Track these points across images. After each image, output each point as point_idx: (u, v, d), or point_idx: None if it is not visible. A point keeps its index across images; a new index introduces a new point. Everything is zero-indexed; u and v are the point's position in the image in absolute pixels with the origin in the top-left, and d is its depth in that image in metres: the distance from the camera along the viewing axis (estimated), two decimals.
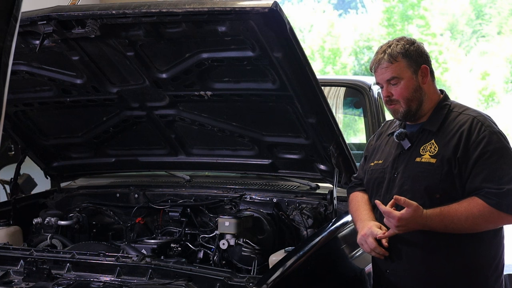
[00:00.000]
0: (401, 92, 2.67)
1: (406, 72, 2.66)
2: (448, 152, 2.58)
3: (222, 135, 3.52)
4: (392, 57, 2.66)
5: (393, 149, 2.78)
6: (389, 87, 2.69)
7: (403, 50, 2.66)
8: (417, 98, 2.68)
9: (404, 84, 2.66)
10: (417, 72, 2.68)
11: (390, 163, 2.75)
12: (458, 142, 2.58)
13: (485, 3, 14.73)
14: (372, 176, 2.83)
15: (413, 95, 2.67)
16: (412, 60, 2.67)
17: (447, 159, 2.57)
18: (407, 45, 2.67)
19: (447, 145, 2.60)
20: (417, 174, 2.63)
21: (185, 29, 2.80)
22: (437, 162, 2.59)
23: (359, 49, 15.25)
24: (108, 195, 3.97)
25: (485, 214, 2.52)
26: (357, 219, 2.80)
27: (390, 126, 2.92)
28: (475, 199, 2.53)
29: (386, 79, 2.68)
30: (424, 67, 2.68)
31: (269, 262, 2.92)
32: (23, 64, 3.28)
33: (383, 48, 2.71)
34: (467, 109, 2.71)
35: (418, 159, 2.65)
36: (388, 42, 2.73)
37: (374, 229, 2.65)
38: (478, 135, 2.57)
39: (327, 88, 4.50)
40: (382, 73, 2.69)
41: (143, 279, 2.59)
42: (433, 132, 2.67)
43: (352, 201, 2.94)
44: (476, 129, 2.58)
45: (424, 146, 2.66)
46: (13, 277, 2.68)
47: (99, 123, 3.69)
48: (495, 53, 14.39)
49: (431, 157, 2.61)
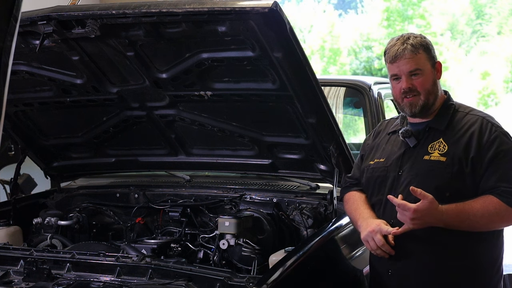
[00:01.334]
0: (423, 84, 2.66)
1: (427, 65, 2.68)
2: (458, 151, 2.59)
3: (222, 135, 3.52)
4: (415, 48, 2.65)
5: (396, 147, 2.77)
6: (409, 78, 2.66)
7: (424, 43, 2.68)
8: (435, 92, 2.70)
9: (426, 76, 2.67)
10: (434, 66, 2.70)
11: (394, 161, 2.73)
12: (469, 142, 2.59)
13: (485, 3, 14.73)
14: (373, 174, 2.80)
15: (432, 88, 2.69)
16: (431, 54, 2.70)
17: (458, 158, 2.58)
18: (424, 39, 2.70)
19: (457, 144, 2.61)
20: (426, 172, 2.63)
21: (185, 29, 2.81)
22: (447, 161, 2.59)
23: (358, 49, 15.25)
24: (108, 195, 3.97)
25: (501, 212, 2.53)
26: (358, 218, 2.76)
27: (389, 125, 2.90)
28: (490, 197, 2.54)
29: (409, 70, 2.65)
30: (439, 63, 2.72)
31: (269, 262, 2.92)
32: (23, 64, 3.28)
33: (401, 40, 2.68)
34: (472, 109, 2.74)
35: (426, 157, 2.64)
36: (403, 36, 2.70)
37: (383, 226, 2.62)
38: (490, 135, 2.60)
39: (327, 88, 4.49)
40: (405, 64, 2.65)
41: (143, 279, 2.59)
42: (441, 130, 2.67)
43: (349, 201, 2.91)
44: (487, 129, 2.61)
45: (432, 144, 2.66)
46: (13, 277, 2.68)
47: (99, 123, 3.69)
48: (495, 53, 14.39)
49: (441, 155, 2.61)
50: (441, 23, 14.68)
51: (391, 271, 2.70)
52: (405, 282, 2.68)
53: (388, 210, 2.69)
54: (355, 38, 15.25)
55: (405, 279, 2.67)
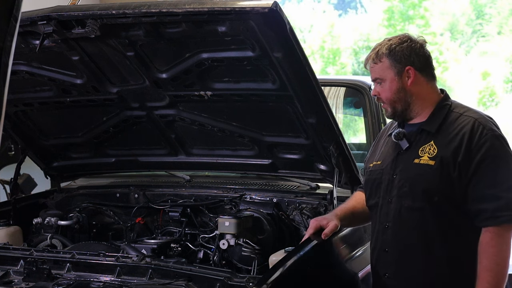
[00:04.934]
0: (384, 92, 2.67)
1: (389, 73, 2.64)
2: (447, 154, 2.54)
3: (222, 135, 3.52)
4: (377, 57, 2.65)
5: (391, 150, 2.74)
6: (376, 86, 2.70)
7: (388, 50, 2.63)
8: (401, 99, 2.64)
9: (387, 85, 2.65)
10: (402, 73, 2.63)
11: (389, 164, 2.71)
12: (459, 145, 2.53)
13: (485, 3, 14.72)
14: (371, 177, 2.80)
15: (396, 96, 2.64)
16: (396, 61, 2.62)
17: (446, 161, 2.53)
18: (393, 45, 2.63)
19: (447, 147, 2.55)
20: (415, 176, 2.60)
21: (185, 29, 2.80)
22: (435, 164, 2.54)
23: (358, 49, 15.24)
24: (108, 195, 3.97)
25: (504, 240, 2.49)
26: None
27: (391, 126, 2.89)
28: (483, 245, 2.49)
29: (372, 78, 2.71)
30: (409, 68, 2.63)
31: (269, 262, 2.92)
32: (23, 64, 3.27)
33: (376, 46, 2.70)
34: (468, 110, 2.65)
35: (416, 161, 2.60)
36: (384, 41, 2.70)
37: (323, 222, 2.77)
38: (479, 138, 2.51)
39: (327, 88, 4.49)
40: (370, 72, 2.72)
41: (143, 279, 2.59)
42: (432, 133, 2.62)
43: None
44: (478, 132, 2.53)
45: (423, 147, 2.61)
46: (13, 277, 2.68)
47: (99, 123, 3.69)
48: (495, 53, 14.38)
49: (430, 159, 2.56)
50: (441, 23, 14.68)
51: (388, 274, 2.69)
52: (401, 285, 2.67)
53: (384, 213, 2.69)
54: (355, 38, 15.24)
55: (400, 283, 2.66)
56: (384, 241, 2.69)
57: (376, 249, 2.74)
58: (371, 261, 2.80)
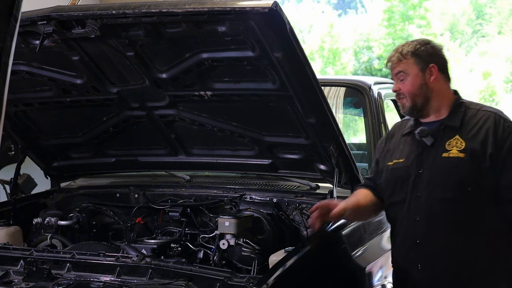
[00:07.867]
0: (406, 87, 2.80)
1: (413, 69, 2.79)
2: (476, 146, 2.69)
3: (222, 135, 3.52)
4: (402, 55, 2.80)
5: (414, 147, 2.85)
6: (398, 82, 2.82)
7: (413, 49, 2.80)
8: (423, 95, 2.79)
9: (409, 81, 2.79)
10: (425, 70, 2.78)
11: (413, 160, 2.82)
12: (485, 138, 2.69)
13: (485, 3, 14.73)
14: (393, 174, 2.88)
15: (418, 90, 2.79)
16: (421, 59, 2.79)
17: (476, 153, 2.67)
18: (418, 45, 2.81)
19: (474, 140, 2.70)
20: (447, 169, 2.71)
21: (185, 29, 2.81)
22: (466, 156, 2.68)
23: (358, 49, 15.24)
24: (108, 195, 3.97)
25: None
26: None
27: (402, 127, 2.98)
28: None
29: (395, 73, 2.82)
30: (432, 66, 2.79)
31: (269, 262, 2.92)
32: (23, 64, 3.27)
33: (398, 47, 2.86)
34: (482, 106, 2.84)
35: (445, 155, 2.73)
36: (406, 43, 2.87)
37: (331, 202, 2.84)
38: (504, 131, 2.69)
39: (327, 88, 4.49)
40: (393, 68, 2.83)
41: (143, 279, 2.59)
42: (456, 127, 2.76)
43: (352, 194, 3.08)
44: (501, 125, 2.71)
45: (449, 141, 2.74)
46: (13, 277, 2.69)
47: (99, 123, 3.69)
48: (495, 53, 14.39)
49: (459, 151, 2.70)
50: (441, 23, 14.68)
51: (420, 265, 2.75)
52: (435, 276, 2.73)
53: (413, 207, 2.78)
54: (355, 38, 15.25)
55: (434, 273, 2.72)
56: (415, 234, 2.77)
57: (406, 243, 2.81)
58: (399, 257, 2.86)
